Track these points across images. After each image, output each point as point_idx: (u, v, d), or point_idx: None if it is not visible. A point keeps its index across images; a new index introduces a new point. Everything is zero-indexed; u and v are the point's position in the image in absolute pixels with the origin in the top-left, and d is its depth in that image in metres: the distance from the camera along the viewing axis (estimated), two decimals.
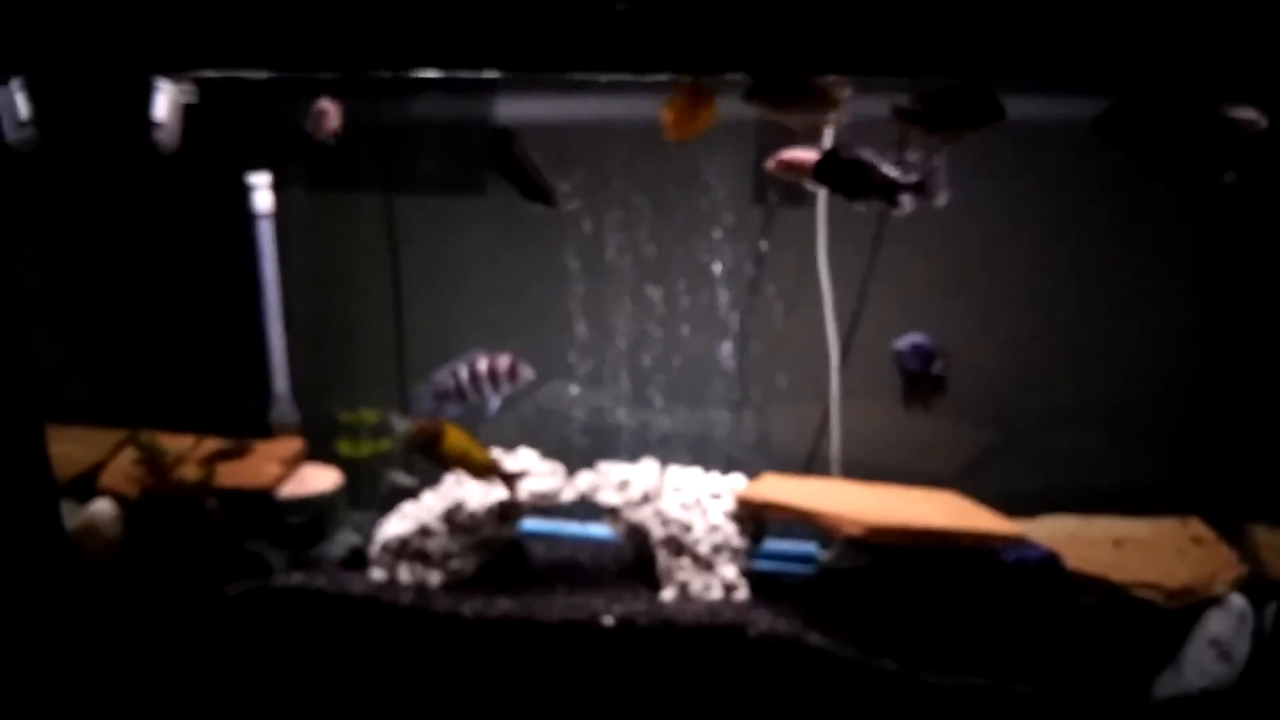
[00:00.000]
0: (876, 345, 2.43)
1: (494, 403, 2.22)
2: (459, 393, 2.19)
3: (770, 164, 2.04)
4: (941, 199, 1.83)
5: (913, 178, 1.84)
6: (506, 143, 1.98)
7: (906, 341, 2.02)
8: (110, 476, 2.36)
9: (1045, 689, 1.91)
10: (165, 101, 2.29)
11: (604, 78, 1.81)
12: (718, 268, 2.48)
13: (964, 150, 1.97)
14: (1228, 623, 1.92)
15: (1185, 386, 2.43)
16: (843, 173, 1.89)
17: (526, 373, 2.21)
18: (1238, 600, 1.96)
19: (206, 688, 2.18)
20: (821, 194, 2.35)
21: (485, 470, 2.14)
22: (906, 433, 2.54)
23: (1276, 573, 2.00)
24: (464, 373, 2.18)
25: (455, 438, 2.10)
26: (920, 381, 2.01)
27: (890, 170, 1.85)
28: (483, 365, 2.18)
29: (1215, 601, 1.96)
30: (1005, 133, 1.78)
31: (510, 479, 2.17)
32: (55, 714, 2.19)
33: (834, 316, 2.43)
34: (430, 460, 2.15)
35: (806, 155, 1.99)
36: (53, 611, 2.19)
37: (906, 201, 1.84)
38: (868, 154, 1.86)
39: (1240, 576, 2.00)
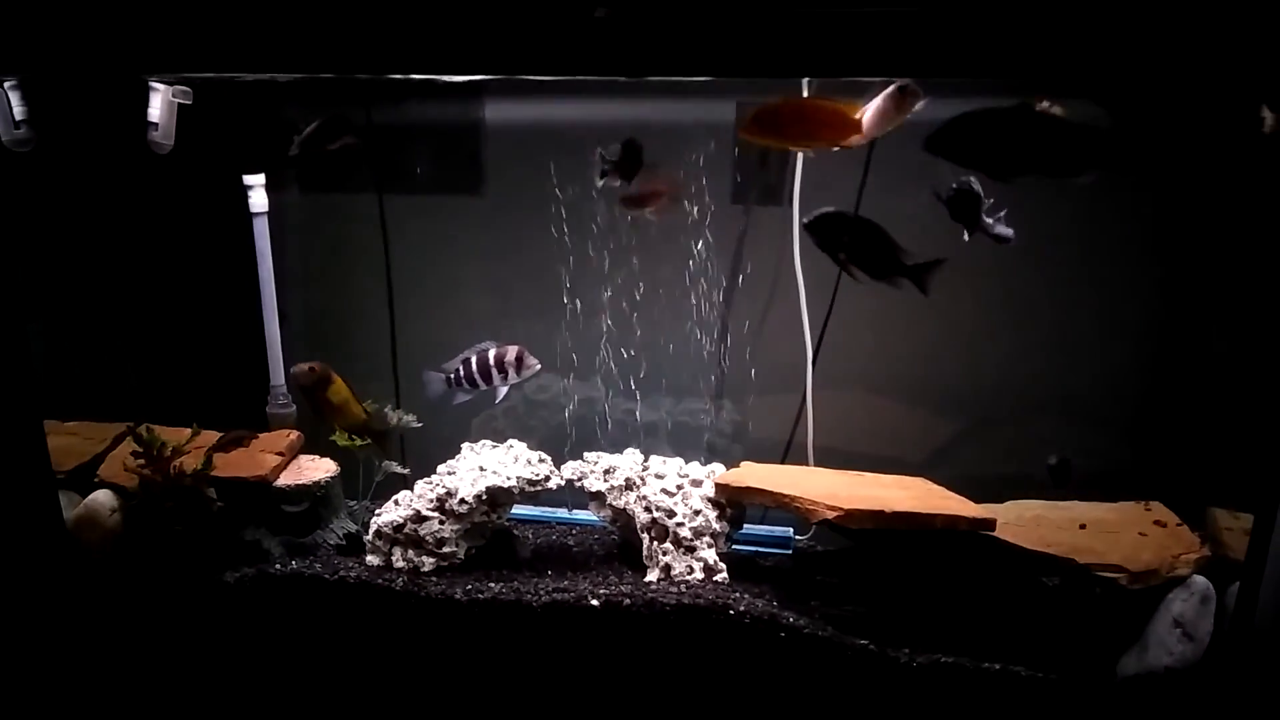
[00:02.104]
0: (849, 339, 2.50)
1: (501, 391, 2.30)
2: (468, 380, 2.28)
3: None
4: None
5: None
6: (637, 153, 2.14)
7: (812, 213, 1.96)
8: (109, 468, 2.39)
9: (1013, 667, 1.95)
10: (160, 102, 2.31)
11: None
12: (698, 265, 2.54)
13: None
14: (1191, 603, 1.95)
15: (1148, 375, 2.47)
16: (961, 203, 1.91)
17: (532, 363, 2.31)
18: (1200, 581, 1.98)
19: (207, 672, 2.21)
20: (796, 195, 2.41)
21: (359, 425, 2.22)
22: (878, 422, 2.60)
23: (1237, 554, 2.00)
24: (474, 362, 2.27)
25: (340, 387, 2.18)
26: (836, 254, 1.93)
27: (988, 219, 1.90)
28: (491, 355, 2.27)
29: (1178, 583, 1.99)
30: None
31: (382, 437, 2.24)
32: (58, 703, 2.22)
33: (808, 311, 2.49)
34: (311, 401, 2.23)
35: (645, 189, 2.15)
36: (52, 601, 2.21)
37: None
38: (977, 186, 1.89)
39: (1202, 558, 2.03)
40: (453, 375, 2.30)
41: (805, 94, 2.12)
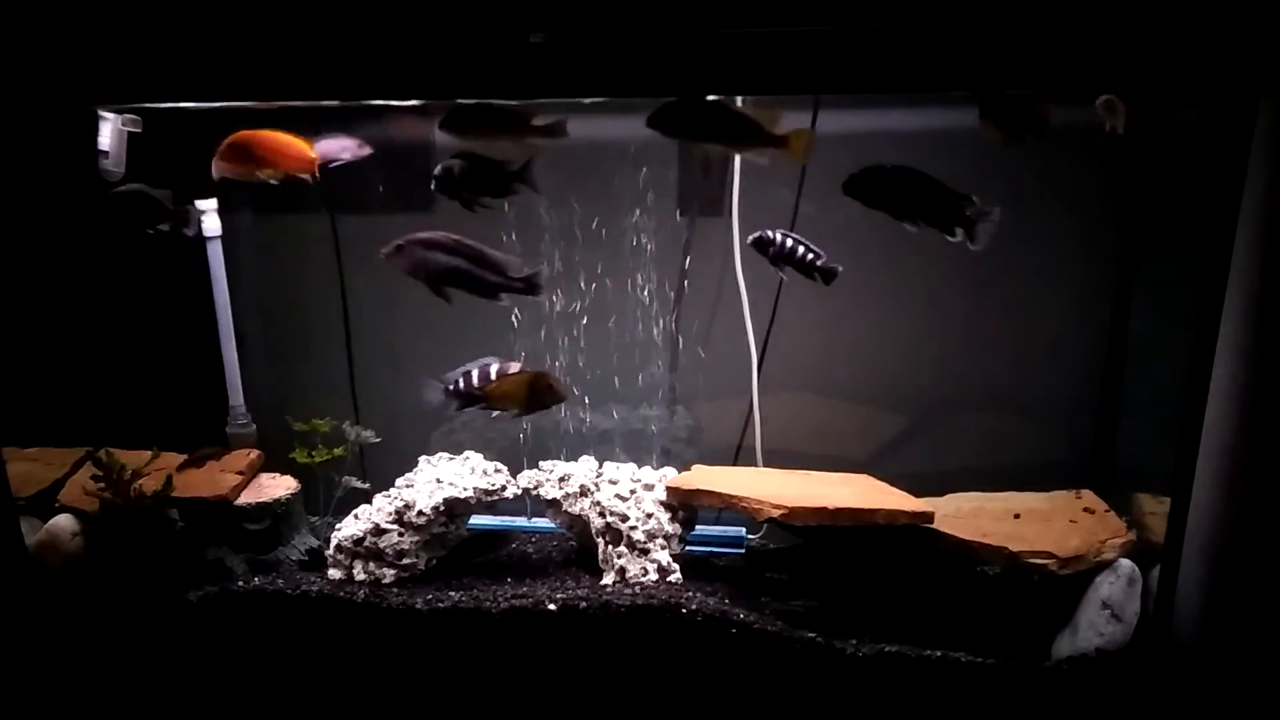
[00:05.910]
0: (793, 343, 2.58)
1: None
2: (465, 394, 2.26)
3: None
4: None
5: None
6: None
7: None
8: (69, 493, 2.39)
9: (953, 654, 2.02)
10: (110, 131, 2.31)
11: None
12: (647, 276, 2.61)
13: (862, 153, 2.12)
14: (1118, 586, 2.04)
15: (1078, 370, 2.57)
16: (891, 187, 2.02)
17: None
18: (1126, 564, 2.06)
19: (173, 692, 2.22)
20: (736, 206, 2.49)
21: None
22: (823, 423, 2.68)
23: (1161, 538, 2.05)
24: (475, 375, 2.25)
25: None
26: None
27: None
28: (493, 371, 2.25)
29: (1106, 567, 2.07)
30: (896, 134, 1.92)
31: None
32: None
33: (752, 318, 2.56)
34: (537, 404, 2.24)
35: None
36: (15, 627, 2.22)
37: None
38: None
39: (1128, 542, 2.11)
40: (451, 386, 2.26)
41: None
